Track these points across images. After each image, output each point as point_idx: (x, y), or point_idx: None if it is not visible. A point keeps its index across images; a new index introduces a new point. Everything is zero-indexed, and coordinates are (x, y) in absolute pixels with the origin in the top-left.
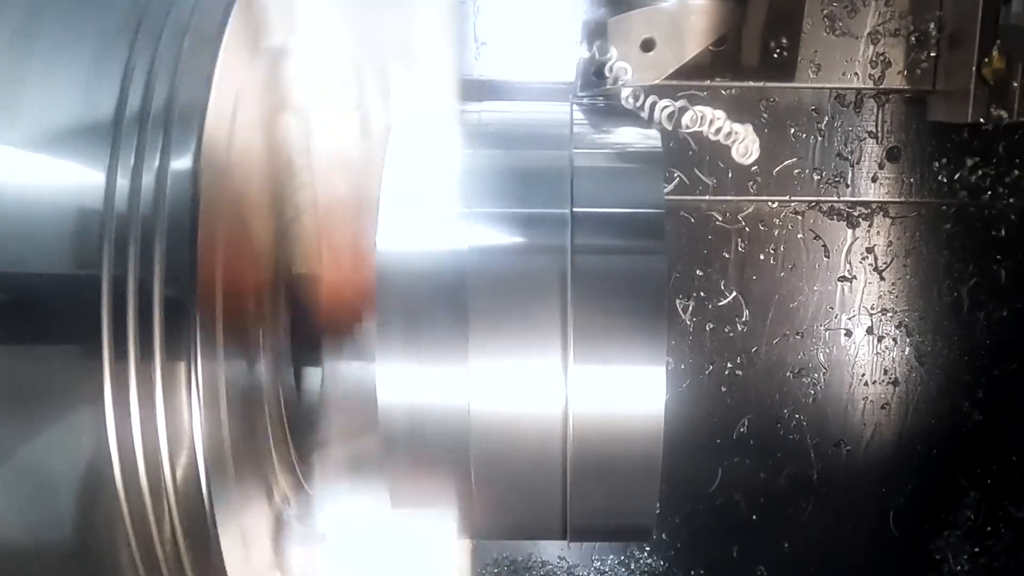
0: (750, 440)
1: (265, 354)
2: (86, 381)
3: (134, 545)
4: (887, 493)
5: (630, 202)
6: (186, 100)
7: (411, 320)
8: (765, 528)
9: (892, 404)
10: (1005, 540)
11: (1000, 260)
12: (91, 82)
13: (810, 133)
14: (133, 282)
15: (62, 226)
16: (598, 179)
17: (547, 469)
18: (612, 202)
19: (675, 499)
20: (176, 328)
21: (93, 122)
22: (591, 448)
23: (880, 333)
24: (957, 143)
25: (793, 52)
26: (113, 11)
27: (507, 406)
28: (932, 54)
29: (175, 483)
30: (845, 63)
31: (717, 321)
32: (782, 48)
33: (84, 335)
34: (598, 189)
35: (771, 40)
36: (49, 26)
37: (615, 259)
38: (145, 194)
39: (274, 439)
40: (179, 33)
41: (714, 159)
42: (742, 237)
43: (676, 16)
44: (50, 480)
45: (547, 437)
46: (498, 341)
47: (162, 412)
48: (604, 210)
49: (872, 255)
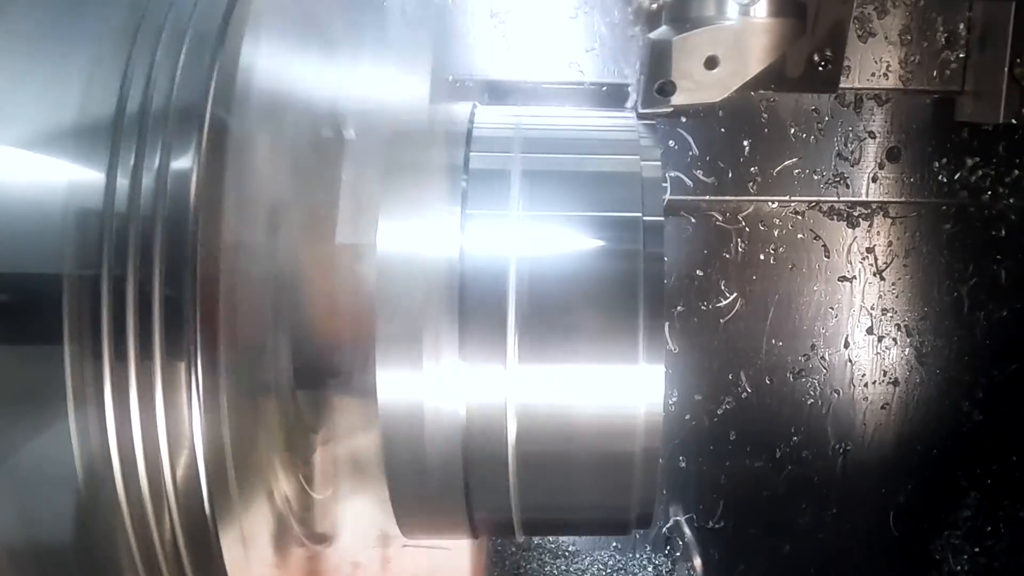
0: (750, 440)
1: (265, 354)
2: (86, 381)
3: (134, 545)
4: (887, 493)
5: (631, 206)
6: (186, 100)
7: (410, 321)
8: (765, 528)
9: (892, 404)
10: (1005, 540)
11: (1000, 260)
12: (91, 82)
13: (810, 133)
14: (133, 282)
15: (62, 226)
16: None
17: (553, 467)
18: (614, 206)
19: (675, 499)
20: (176, 328)
21: (93, 122)
22: (591, 447)
23: (880, 333)
24: (957, 143)
25: (838, 64)
26: (113, 11)
27: (507, 405)
28: (961, 55)
29: (175, 483)
30: (875, 64)
31: (717, 321)
32: (827, 60)
33: (84, 335)
34: (603, 193)
35: (816, 53)
36: (49, 26)
37: (639, 263)
38: (145, 194)
39: (274, 439)
40: (179, 33)
41: (714, 159)
42: (742, 237)
43: (740, 34)
44: (50, 480)
45: (547, 435)
46: (496, 342)
47: (162, 412)
48: (606, 213)
49: (872, 255)
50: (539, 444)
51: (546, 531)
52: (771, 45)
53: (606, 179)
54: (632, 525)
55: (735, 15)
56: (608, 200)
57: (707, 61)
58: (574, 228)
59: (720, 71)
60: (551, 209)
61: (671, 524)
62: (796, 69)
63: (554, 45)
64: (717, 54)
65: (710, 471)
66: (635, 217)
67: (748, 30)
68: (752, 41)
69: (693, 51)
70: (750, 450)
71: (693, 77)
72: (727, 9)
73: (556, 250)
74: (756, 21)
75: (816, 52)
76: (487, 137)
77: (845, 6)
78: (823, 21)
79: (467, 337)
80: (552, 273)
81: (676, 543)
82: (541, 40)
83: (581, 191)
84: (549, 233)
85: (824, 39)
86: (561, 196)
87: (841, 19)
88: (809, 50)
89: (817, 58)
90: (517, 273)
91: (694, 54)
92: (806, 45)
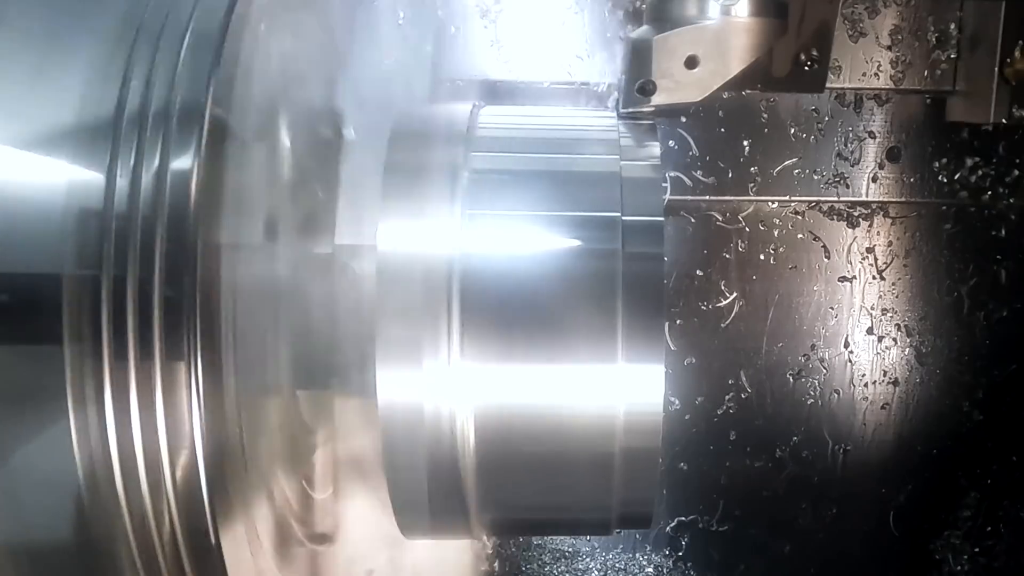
0: (750, 441)
1: (265, 354)
2: (86, 381)
3: (134, 545)
4: (887, 493)
5: (632, 209)
6: (186, 100)
7: (411, 321)
8: (766, 528)
9: (892, 404)
10: (1005, 540)
11: (1000, 260)
12: (91, 82)
13: (810, 133)
14: (133, 282)
15: (62, 226)
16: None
17: (556, 465)
18: (615, 207)
19: (675, 499)
20: (176, 328)
21: (93, 122)
22: (592, 444)
23: (880, 333)
24: (957, 143)
25: (824, 63)
26: (113, 11)
27: (505, 405)
28: (952, 55)
29: (175, 483)
30: (866, 64)
31: (717, 321)
32: (813, 60)
33: (84, 335)
34: (601, 195)
35: (802, 52)
36: (49, 26)
37: (617, 262)
38: (145, 194)
39: (274, 439)
40: (179, 33)
41: (714, 159)
42: (742, 237)
43: (720, 34)
44: (50, 480)
45: (545, 432)
46: (494, 343)
47: (162, 412)
48: (604, 216)
49: (872, 255)
50: (538, 445)
51: (540, 532)
52: (752, 45)
53: (582, 179)
54: (614, 525)
55: (716, 15)
56: (585, 200)
57: (687, 61)
58: (551, 228)
59: (701, 70)
60: (518, 210)
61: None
62: (782, 69)
63: (547, 45)
64: (697, 54)
65: (710, 471)
66: (613, 217)
67: (729, 30)
68: (733, 41)
69: (673, 51)
70: (750, 450)
71: (673, 77)
72: (708, 9)
73: (530, 251)
74: (737, 21)
75: (802, 52)
76: (481, 137)
77: (831, 5)
78: (809, 20)
79: (466, 337)
80: (522, 274)
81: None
82: (534, 40)
83: (553, 191)
84: (521, 235)
85: (810, 38)
86: (526, 196)
87: (827, 18)
88: (795, 50)
89: (803, 58)
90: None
91: (674, 53)
92: (792, 45)
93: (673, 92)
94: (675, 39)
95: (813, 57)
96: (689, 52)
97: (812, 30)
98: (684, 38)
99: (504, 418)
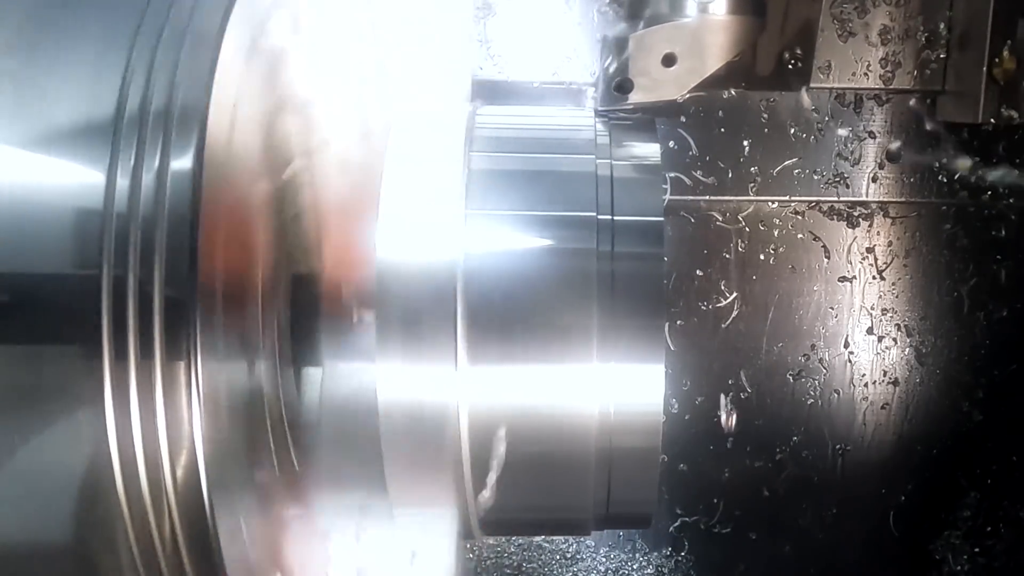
0: (750, 441)
1: (265, 353)
2: (86, 381)
3: (134, 545)
4: (887, 493)
5: (632, 210)
6: (186, 100)
7: (411, 321)
8: (766, 528)
9: (892, 404)
10: (1005, 540)
11: (1000, 260)
12: (91, 82)
13: (810, 133)
14: (133, 282)
15: (62, 226)
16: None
17: (559, 464)
18: (615, 208)
19: (675, 500)
20: (176, 328)
21: (93, 122)
22: (592, 444)
23: (880, 333)
24: (957, 143)
25: (808, 61)
26: (113, 11)
27: (506, 405)
28: (942, 55)
29: (175, 483)
30: (855, 63)
31: (717, 321)
32: (797, 58)
33: (84, 335)
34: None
35: (786, 51)
36: (49, 26)
37: (617, 263)
38: (145, 194)
39: (274, 439)
40: (179, 33)
41: (714, 159)
42: (742, 237)
43: (697, 32)
44: (50, 480)
45: (544, 431)
46: (495, 343)
47: (162, 412)
48: (607, 216)
49: (872, 255)
50: (537, 444)
51: (540, 532)
52: (730, 43)
53: (560, 178)
54: (591, 526)
55: (694, 12)
56: (561, 200)
57: (664, 58)
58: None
59: (678, 68)
60: (503, 209)
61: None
62: (766, 67)
63: (540, 45)
64: (675, 51)
65: (709, 472)
66: (589, 217)
67: (706, 27)
68: (710, 39)
69: (651, 48)
70: (750, 450)
71: (651, 74)
72: (685, 6)
73: (528, 251)
74: (714, 18)
75: (786, 50)
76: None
77: (814, 4)
78: (792, 19)
79: (468, 337)
80: (507, 274)
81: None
82: (527, 40)
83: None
84: (502, 234)
85: (794, 36)
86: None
87: (811, 17)
88: (779, 48)
89: (787, 56)
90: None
91: (652, 51)
92: (776, 43)
93: (651, 90)
94: (652, 37)
95: (797, 55)
96: (666, 50)
97: (796, 28)
98: (661, 36)
99: (504, 418)
